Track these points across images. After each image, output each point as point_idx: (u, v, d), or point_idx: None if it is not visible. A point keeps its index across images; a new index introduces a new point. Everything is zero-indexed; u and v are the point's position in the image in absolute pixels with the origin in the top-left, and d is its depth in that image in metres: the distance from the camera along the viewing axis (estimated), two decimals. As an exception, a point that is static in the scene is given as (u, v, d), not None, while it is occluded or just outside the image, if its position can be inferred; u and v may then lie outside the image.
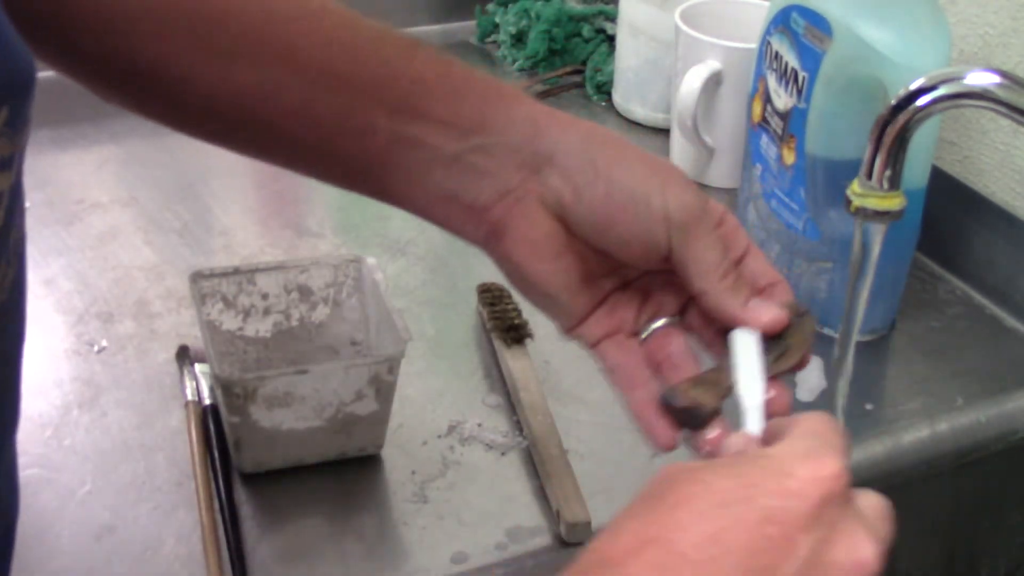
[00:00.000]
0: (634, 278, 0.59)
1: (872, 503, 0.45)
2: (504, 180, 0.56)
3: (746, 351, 0.55)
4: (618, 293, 0.59)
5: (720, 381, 0.55)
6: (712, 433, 0.54)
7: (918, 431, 0.83)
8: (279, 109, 0.57)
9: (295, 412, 0.73)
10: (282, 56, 0.56)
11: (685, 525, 0.41)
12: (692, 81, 1.01)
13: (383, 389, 0.74)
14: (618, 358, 0.58)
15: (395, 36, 0.58)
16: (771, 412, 0.52)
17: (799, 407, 0.82)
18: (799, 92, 0.85)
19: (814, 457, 0.43)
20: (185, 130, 0.61)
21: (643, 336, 0.59)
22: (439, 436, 0.79)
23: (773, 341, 0.56)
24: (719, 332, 0.57)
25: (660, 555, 0.41)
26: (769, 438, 0.48)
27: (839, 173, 0.82)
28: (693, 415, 0.54)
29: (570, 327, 0.59)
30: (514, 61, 1.25)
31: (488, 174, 0.56)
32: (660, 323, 0.59)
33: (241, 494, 0.74)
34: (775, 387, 0.54)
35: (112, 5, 0.56)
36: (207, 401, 0.78)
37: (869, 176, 0.66)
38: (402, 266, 0.95)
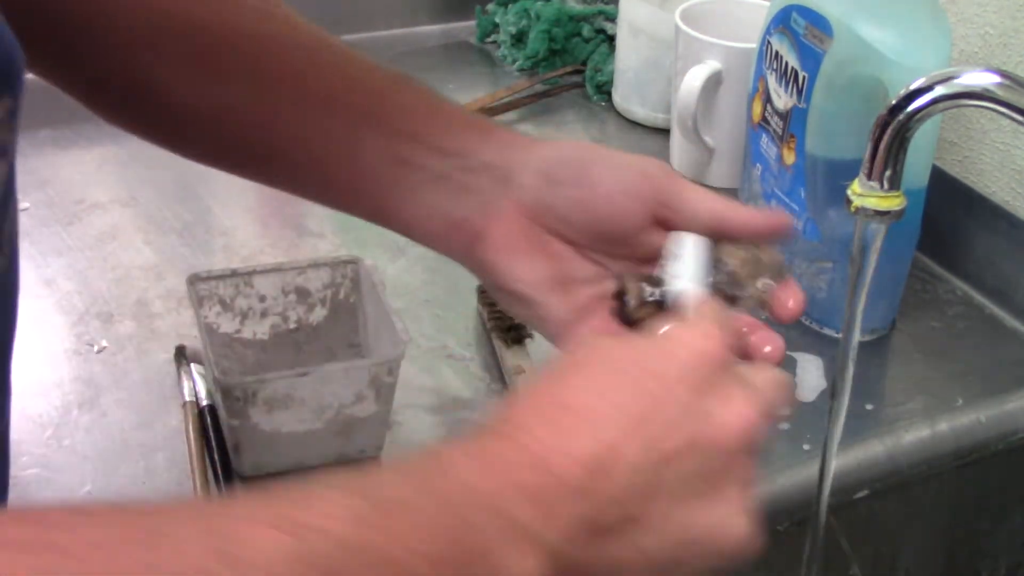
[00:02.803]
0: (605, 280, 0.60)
1: (767, 376, 0.50)
2: (484, 193, 0.60)
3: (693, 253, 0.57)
4: (594, 302, 0.60)
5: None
6: None
7: (918, 431, 0.83)
8: (276, 131, 0.60)
9: (295, 414, 0.72)
10: (282, 82, 0.60)
11: (577, 384, 0.47)
12: (692, 81, 1.00)
13: (383, 391, 0.74)
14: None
15: (386, 70, 0.62)
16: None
17: (799, 408, 0.82)
18: (799, 92, 0.85)
19: (692, 325, 0.50)
20: (182, 151, 0.64)
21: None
22: (439, 437, 0.79)
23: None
24: None
25: (551, 409, 0.46)
26: None
27: (839, 173, 0.82)
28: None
29: (552, 332, 0.61)
30: (514, 61, 1.25)
31: (471, 190, 0.60)
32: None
33: (241, 495, 0.74)
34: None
35: (113, 23, 0.59)
36: (204, 401, 0.78)
37: (869, 176, 0.66)
38: (402, 266, 0.95)
